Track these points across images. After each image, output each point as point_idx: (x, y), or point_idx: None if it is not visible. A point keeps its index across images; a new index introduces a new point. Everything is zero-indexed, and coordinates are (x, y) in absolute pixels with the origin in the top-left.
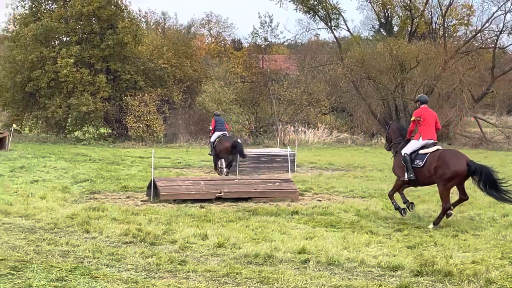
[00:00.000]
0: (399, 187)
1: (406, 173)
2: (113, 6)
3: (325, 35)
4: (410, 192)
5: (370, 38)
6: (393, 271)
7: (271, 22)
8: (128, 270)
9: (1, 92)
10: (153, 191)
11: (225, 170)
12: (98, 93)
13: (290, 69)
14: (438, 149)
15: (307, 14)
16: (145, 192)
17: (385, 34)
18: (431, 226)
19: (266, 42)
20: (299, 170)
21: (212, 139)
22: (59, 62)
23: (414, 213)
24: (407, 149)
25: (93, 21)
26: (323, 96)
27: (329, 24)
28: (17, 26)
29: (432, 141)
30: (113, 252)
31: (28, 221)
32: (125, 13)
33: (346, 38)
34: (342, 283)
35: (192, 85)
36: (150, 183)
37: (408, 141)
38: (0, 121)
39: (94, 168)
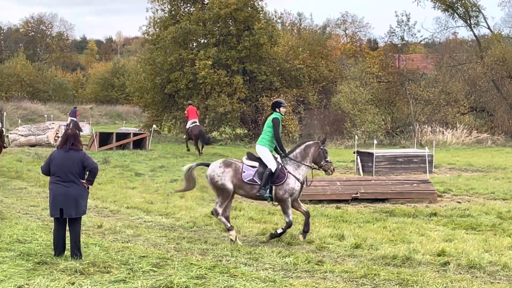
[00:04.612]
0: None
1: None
2: (249, 8)
3: (464, 33)
4: None
5: None
6: None
7: (408, 21)
8: (266, 269)
9: (142, 93)
10: None
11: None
12: (234, 94)
13: (427, 68)
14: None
15: (446, 12)
16: None
17: None
18: None
19: (403, 41)
20: (437, 171)
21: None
22: (197, 64)
23: None
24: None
25: (230, 23)
26: (461, 96)
27: (469, 22)
28: (157, 29)
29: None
30: (250, 251)
31: (168, 220)
32: (261, 15)
33: (486, 36)
34: (484, 287)
35: (327, 85)
36: None
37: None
38: (141, 122)
39: None
